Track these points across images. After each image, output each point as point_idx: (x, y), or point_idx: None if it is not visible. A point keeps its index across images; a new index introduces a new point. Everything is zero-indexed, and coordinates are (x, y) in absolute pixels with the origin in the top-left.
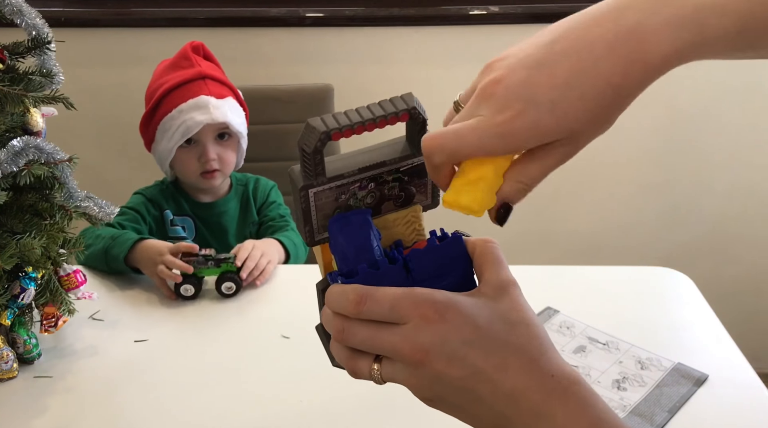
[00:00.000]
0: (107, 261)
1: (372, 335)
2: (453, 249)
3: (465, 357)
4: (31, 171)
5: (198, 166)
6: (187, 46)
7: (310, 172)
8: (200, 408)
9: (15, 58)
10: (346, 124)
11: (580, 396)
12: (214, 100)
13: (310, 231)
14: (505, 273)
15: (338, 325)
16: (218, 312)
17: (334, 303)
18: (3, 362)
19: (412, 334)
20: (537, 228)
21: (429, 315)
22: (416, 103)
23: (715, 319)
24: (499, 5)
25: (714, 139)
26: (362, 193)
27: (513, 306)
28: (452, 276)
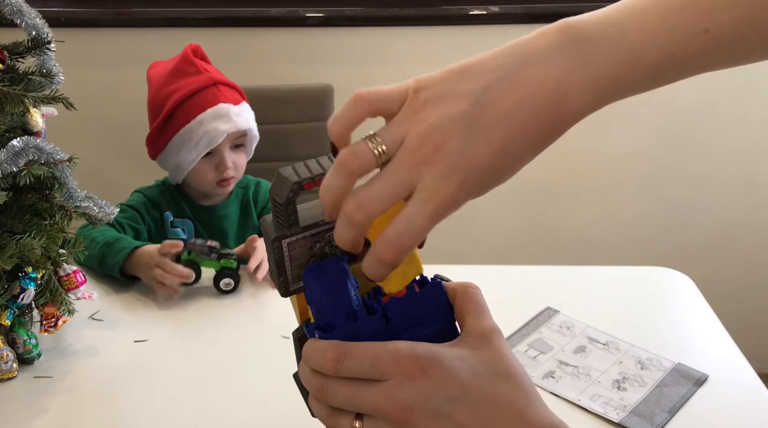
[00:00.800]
0: (102, 269)
1: (352, 393)
2: (433, 296)
3: (450, 414)
4: (31, 171)
5: (215, 175)
6: (188, 49)
7: (283, 223)
8: (200, 408)
9: (15, 58)
10: (319, 172)
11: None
12: (234, 108)
13: (285, 282)
14: (487, 320)
15: (317, 384)
16: (218, 313)
17: (312, 360)
18: (3, 362)
19: (394, 392)
20: (537, 228)
21: (411, 371)
22: None
23: (715, 319)
24: (499, 5)
25: (714, 139)
26: None
27: (497, 356)
28: (433, 325)
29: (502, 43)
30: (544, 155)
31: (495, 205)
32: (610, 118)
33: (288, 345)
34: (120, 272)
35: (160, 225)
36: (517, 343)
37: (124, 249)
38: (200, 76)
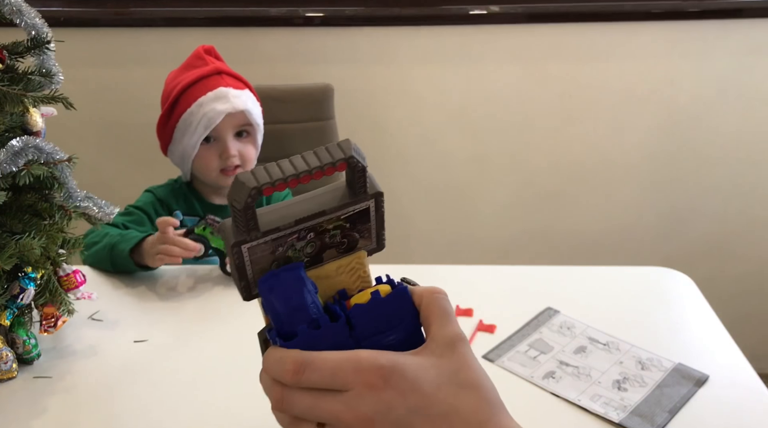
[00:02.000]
0: (112, 258)
1: (313, 404)
2: (398, 303)
3: (411, 425)
4: (31, 171)
5: (219, 163)
6: (199, 48)
7: (242, 228)
8: (200, 407)
9: (14, 57)
10: (279, 177)
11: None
12: (233, 91)
13: (246, 287)
14: (452, 327)
15: (277, 394)
16: (218, 313)
17: (272, 370)
18: (2, 362)
19: (355, 402)
20: (537, 228)
21: (373, 381)
22: (354, 150)
23: (715, 319)
24: (499, 5)
25: (714, 139)
26: (301, 243)
27: (461, 365)
28: (398, 331)
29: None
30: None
31: (495, 205)
32: (610, 119)
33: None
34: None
35: None
36: (517, 343)
37: (135, 237)
38: (206, 67)
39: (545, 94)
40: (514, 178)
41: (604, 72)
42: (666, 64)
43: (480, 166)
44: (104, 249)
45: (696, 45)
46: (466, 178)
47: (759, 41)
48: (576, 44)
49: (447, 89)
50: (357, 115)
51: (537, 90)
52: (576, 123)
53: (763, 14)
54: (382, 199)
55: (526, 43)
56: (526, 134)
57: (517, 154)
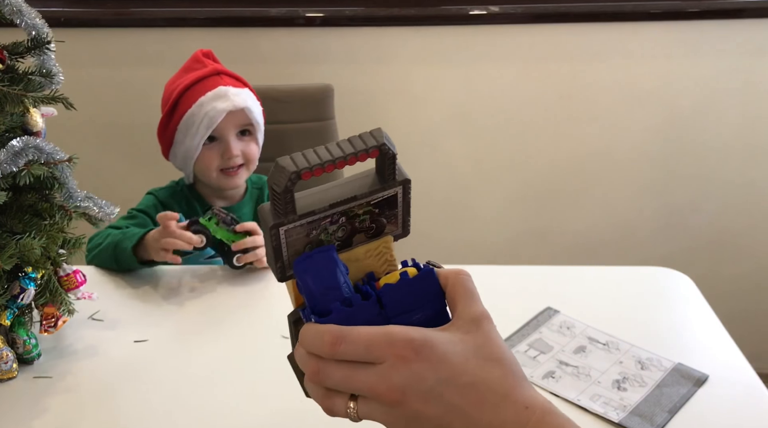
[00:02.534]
0: (116, 255)
1: (348, 375)
2: (425, 283)
3: (441, 395)
4: (31, 171)
5: (221, 162)
6: (198, 52)
7: (280, 211)
8: (200, 408)
9: (15, 58)
10: (317, 162)
11: (554, 424)
12: (232, 89)
13: (282, 268)
14: (477, 306)
15: (313, 366)
16: (218, 313)
17: (309, 343)
18: (3, 362)
19: (388, 374)
20: (537, 227)
21: (405, 354)
22: (386, 138)
23: (715, 319)
24: (499, 5)
25: (714, 139)
26: (333, 227)
27: (486, 341)
28: (425, 310)
29: (502, 43)
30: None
31: (495, 205)
32: (610, 119)
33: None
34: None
35: None
36: (517, 343)
37: (137, 234)
38: (205, 68)
39: (545, 94)
40: (514, 177)
41: (604, 72)
42: (666, 64)
43: (480, 165)
44: (108, 249)
45: (696, 45)
46: (465, 177)
47: (759, 41)
48: (576, 44)
49: (447, 89)
50: (357, 115)
51: (537, 90)
52: (576, 123)
53: (763, 14)
54: (409, 186)
55: (525, 43)
56: (526, 134)
57: (516, 154)
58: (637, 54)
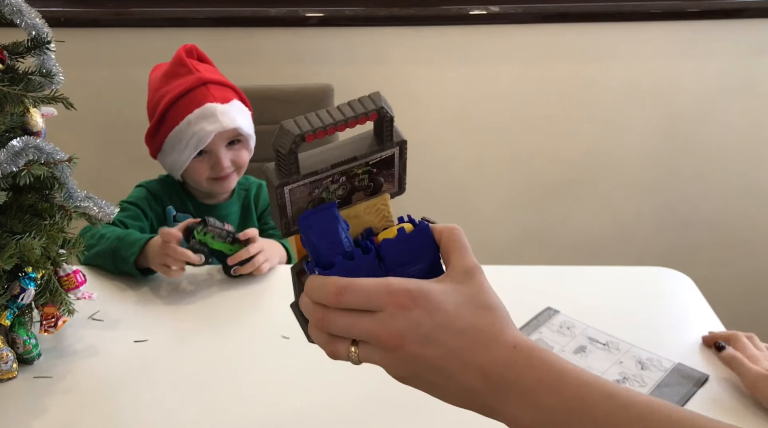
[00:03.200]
0: (114, 262)
1: (351, 323)
2: (422, 237)
3: (437, 339)
4: (31, 171)
5: (211, 172)
6: (181, 50)
7: (284, 171)
8: (200, 408)
9: (15, 58)
10: (319, 125)
11: (542, 357)
12: (220, 107)
13: (287, 224)
14: (469, 258)
15: (319, 314)
16: (218, 313)
17: (315, 293)
18: (3, 362)
19: (388, 321)
20: (537, 228)
21: (404, 302)
22: (384, 102)
23: (715, 319)
24: (499, 5)
25: (714, 139)
26: (334, 186)
27: (478, 290)
28: (421, 263)
29: (501, 42)
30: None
31: (495, 205)
32: (610, 119)
33: (288, 345)
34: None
35: (162, 220)
36: None
37: (138, 241)
38: (190, 76)
39: (545, 94)
40: (514, 177)
41: (604, 72)
42: (666, 64)
43: (480, 165)
44: (106, 253)
45: (696, 45)
46: (465, 177)
47: (759, 41)
48: (576, 44)
49: (447, 89)
50: None
51: (537, 90)
52: (576, 123)
53: (763, 14)
54: (405, 147)
55: (525, 43)
56: (526, 134)
57: (516, 154)
58: (637, 54)
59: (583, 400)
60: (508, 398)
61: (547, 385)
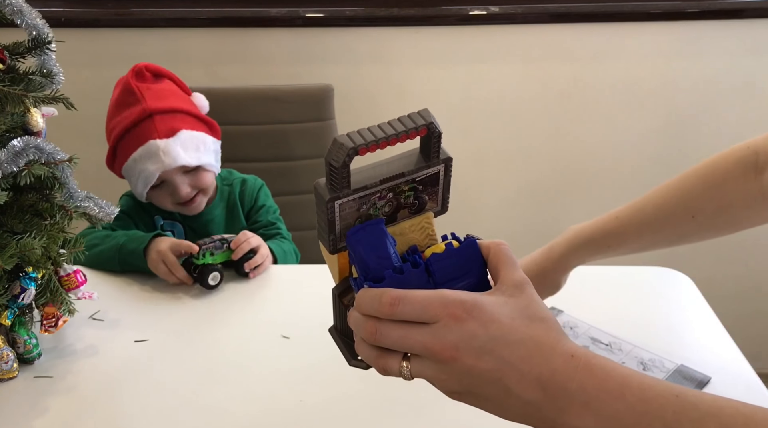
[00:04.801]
0: (121, 257)
1: (404, 334)
2: (470, 252)
3: (493, 351)
4: (32, 171)
5: (173, 199)
6: (130, 74)
7: (336, 185)
8: (200, 408)
9: (15, 58)
10: (372, 139)
11: (602, 365)
12: (162, 144)
13: (334, 240)
14: (519, 273)
15: (371, 327)
16: (218, 313)
17: (367, 305)
18: (3, 362)
19: (442, 333)
20: (537, 227)
21: (458, 314)
22: (432, 118)
23: (715, 320)
24: (499, 5)
25: (714, 139)
26: (381, 202)
27: (530, 302)
28: (469, 278)
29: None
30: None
31: (496, 205)
32: (610, 119)
33: (288, 345)
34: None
35: (150, 228)
36: None
37: (144, 237)
38: (137, 106)
39: (545, 94)
40: (514, 178)
41: (604, 72)
42: (666, 64)
43: (480, 165)
44: (111, 250)
45: (696, 45)
46: (465, 177)
47: (759, 41)
48: (576, 44)
49: (447, 89)
50: (357, 115)
51: (537, 90)
52: (575, 123)
53: (763, 14)
54: (451, 164)
55: (525, 43)
56: (526, 134)
57: (516, 154)
58: (637, 54)
59: (650, 403)
60: (570, 408)
61: (610, 392)
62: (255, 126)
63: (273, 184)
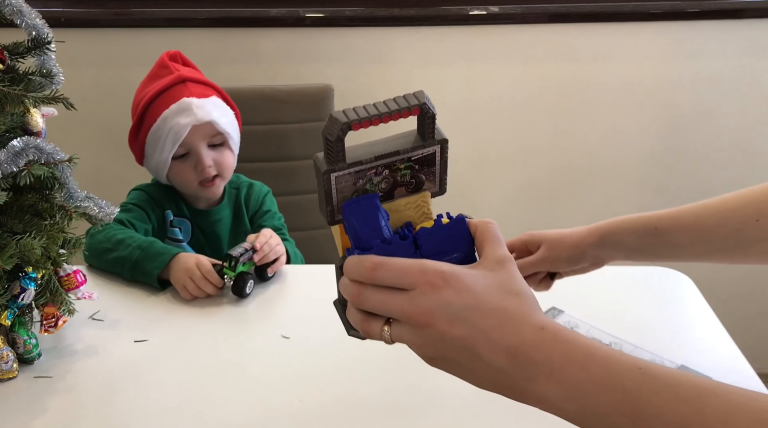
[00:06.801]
0: (134, 272)
1: (383, 299)
2: (457, 228)
3: (466, 319)
4: (31, 171)
5: (195, 175)
6: (164, 55)
7: (332, 158)
8: (200, 408)
9: (15, 58)
10: (365, 116)
11: (569, 337)
12: (196, 100)
13: (331, 211)
14: (502, 250)
15: (355, 290)
16: (218, 312)
17: (351, 270)
18: (3, 362)
19: (419, 299)
20: (537, 227)
21: (435, 282)
22: (427, 98)
23: (716, 320)
24: (499, 5)
25: (714, 139)
26: (377, 178)
27: (509, 277)
28: (456, 253)
29: (502, 43)
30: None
31: (496, 205)
32: (610, 120)
33: (287, 345)
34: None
35: (162, 224)
36: None
37: (163, 256)
38: (169, 76)
39: (545, 94)
40: (514, 177)
41: (603, 72)
42: (666, 64)
43: (479, 165)
44: (125, 262)
45: (696, 45)
46: (465, 177)
47: (759, 41)
48: (576, 44)
49: (447, 89)
50: None
51: (537, 90)
52: (575, 123)
53: (763, 14)
54: (447, 146)
55: (525, 43)
56: (526, 134)
57: (516, 154)
58: (637, 54)
59: (612, 374)
60: (536, 378)
61: (575, 362)
62: (255, 126)
63: (273, 184)
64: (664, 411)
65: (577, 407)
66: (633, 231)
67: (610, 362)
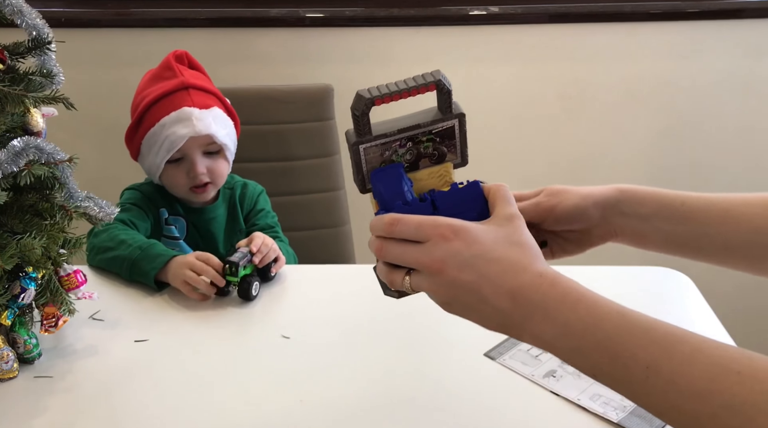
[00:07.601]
0: (131, 272)
1: (402, 251)
2: (472, 191)
3: (473, 266)
4: (32, 171)
5: (187, 180)
6: (170, 55)
7: (360, 131)
8: (200, 408)
9: (15, 58)
10: (386, 92)
11: (565, 283)
12: (197, 112)
13: (362, 180)
14: (512, 208)
15: (378, 244)
16: (218, 313)
17: (375, 227)
18: (3, 362)
19: (432, 250)
20: None
21: (446, 234)
22: (442, 76)
23: (715, 320)
24: (499, 5)
25: (713, 139)
26: (402, 150)
27: (514, 231)
28: (470, 214)
29: (501, 43)
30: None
31: None
32: (610, 120)
33: (287, 345)
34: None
35: (157, 222)
36: (519, 342)
37: (161, 257)
38: (173, 80)
39: (545, 94)
40: (514, 177)
41: (603, 72)
42: (666, 64)
43: (479, 165)
44: (124, 261)
45: (696, 45)
46: (465, 177)
47: (759, 41)
48: (576, 44)
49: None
50: None
51: (537, 90)
52: (575, 123)
53: (763, 14)
54: (464, 120)
55: (525, 43)
56: (526, 134)
57: (516, 154)
58: (637, 54)
59: (596, 316)
60: (533, 317)
61: (566, 304)
62: (255, 126)
63: (273, 184)
64: (637, 352)
65: (566, 345)
66: (657, 200)
67: (596, 306)
